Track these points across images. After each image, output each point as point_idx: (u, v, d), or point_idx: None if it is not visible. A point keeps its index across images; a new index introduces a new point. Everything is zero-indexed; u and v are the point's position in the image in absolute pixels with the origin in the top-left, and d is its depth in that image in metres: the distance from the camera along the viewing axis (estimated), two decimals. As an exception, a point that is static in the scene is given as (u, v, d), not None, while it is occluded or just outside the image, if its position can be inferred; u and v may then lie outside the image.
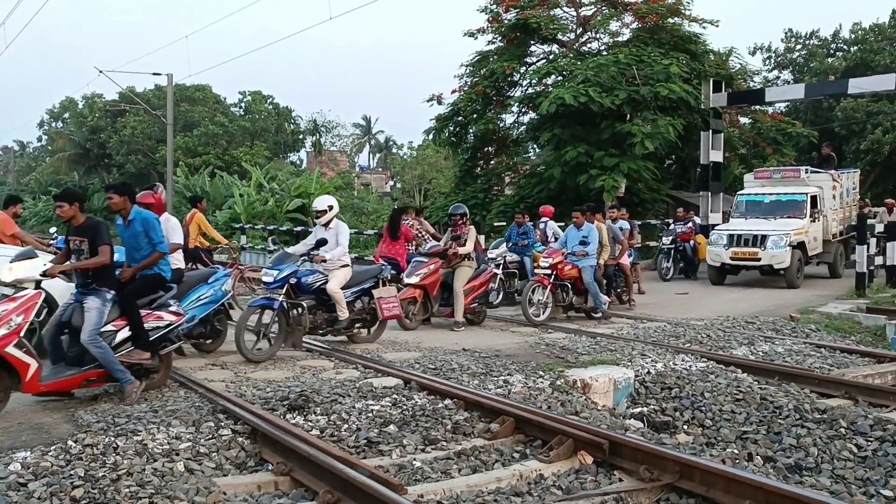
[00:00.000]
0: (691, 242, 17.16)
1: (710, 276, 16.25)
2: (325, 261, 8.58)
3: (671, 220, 18.67)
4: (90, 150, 50.88)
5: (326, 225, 8.92)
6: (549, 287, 10.88)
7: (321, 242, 8.61)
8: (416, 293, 10.23)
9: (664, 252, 17.06)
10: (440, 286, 10.53)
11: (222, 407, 5.89)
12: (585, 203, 12.35)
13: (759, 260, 15.22)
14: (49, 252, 8.99)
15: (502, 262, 12.57)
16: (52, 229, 15.65)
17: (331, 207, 9.01)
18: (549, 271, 10.89)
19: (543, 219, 14.66)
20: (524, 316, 10.73)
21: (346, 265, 8.86)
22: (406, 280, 10.24)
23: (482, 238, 14.14)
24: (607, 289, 11.89)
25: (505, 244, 13.49)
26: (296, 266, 8.41)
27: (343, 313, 8.62)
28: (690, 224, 17.28)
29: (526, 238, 13.39)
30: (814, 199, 16.17)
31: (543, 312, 10.86)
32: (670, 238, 16.98)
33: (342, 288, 8.68)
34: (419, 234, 12.75)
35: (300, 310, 8.39)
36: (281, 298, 8.16)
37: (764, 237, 15.15)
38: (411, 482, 4.78)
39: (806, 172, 16.99)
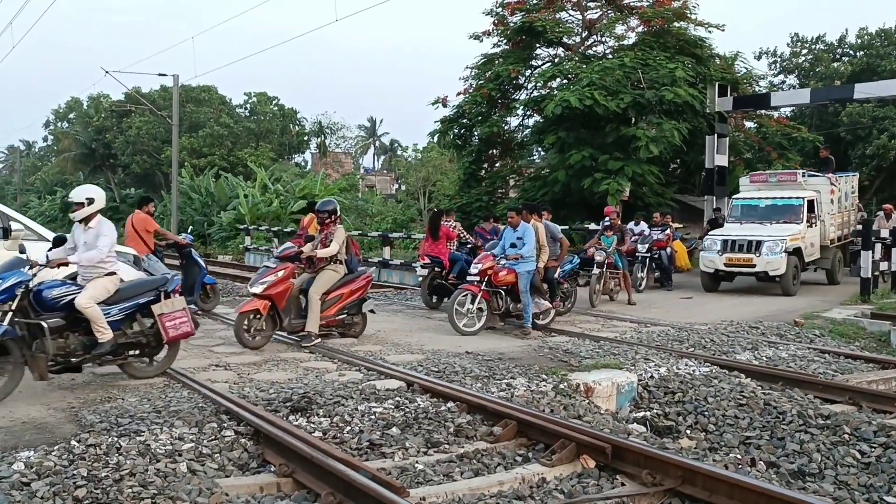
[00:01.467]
0: (668, 250, 16.05)
1: (703, 282, 15.77)
2: (65, 264, 6.78)
3: (640, 225, 16.98)
4: (95, 151, 50.97)
5: (86, 222, 6.93)
6: (480, 295, 10.04)
7: (59, 240, 7.07)
8: (260, 305, 8.70)
9: (639, 260, 15.64)
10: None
11: (225, 408, 5.90)
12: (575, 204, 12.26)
13: (753, 266, 14.77)
14: (182, 243, 11.67)
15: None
16: (189, 228, 19.57)
17: (91, 201, 6.90)
18: (478, 278, 10.02)
19: (607, 219, 15.52)
20: (453, 328, 9.96)
21: (112, 273, 6.91)
22: (250, 289, 8.86)
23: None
24: (550, 294, 10.89)
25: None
26: (26, 275, 6.34)
27: (103, 335, 6.60)
28: (668, 231, 16.29)
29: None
30: (811, 203, 15.70)
31: (477, 322, 10.06)
32: (646, 246, 15.66)
33: (106, 303, 6.76)
34: (462, 235, 13.30)
35: (42, 331, 6.35)
36: (7, 319, 6.17)
37: (759, 243, 14.67)
38: (413, 485, 4.78)
39: (803, 176, 16.63)
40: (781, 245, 14.55)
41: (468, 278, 10.26)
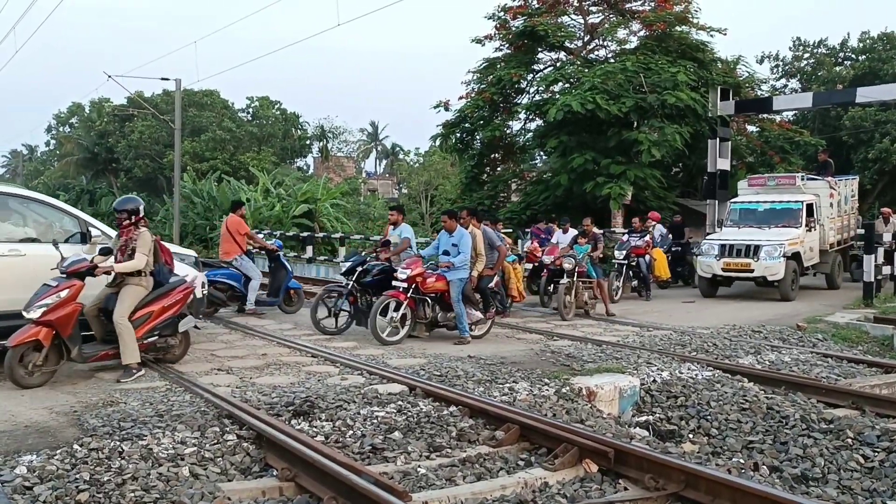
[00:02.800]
0: (646, 258, 15.32)
1: (700, 287, 15.64)
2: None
3: (624, 231, 16.90)
4: (98, 155, 51.04)
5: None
6: (405, 303, 9.56)
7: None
8: (40, 334, 6.83)
9: (615, 269, 14.98)
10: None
11: (227, 412, 5.89)
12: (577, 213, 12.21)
13: (751, 271, 14.59)
14: (270, 248, 12.51)
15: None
16: (277, 233, 20.16)
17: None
18: (404, 285, 9.52)
19: (652, 222, 16.09)
20: (374, 337, 9.46)
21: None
22: (25, 314, 6.92)
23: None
24: (484, 305, 10.26)
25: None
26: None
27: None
28: (647, 237, 15.61)
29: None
30: (810, 207, 15.56)
31: (401, 331, 9.59)
32: (623, 253, 14.94)
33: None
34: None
35: None
36: None
37: (757, 247, 14.51)
38: (416, 489, 4.77)
39: (802, 179, 16.47)
40: (780, 249, 14.39)
41: (394, 283, 9.68)
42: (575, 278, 12.20)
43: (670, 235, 17.33)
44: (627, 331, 11.00)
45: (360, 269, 10.21)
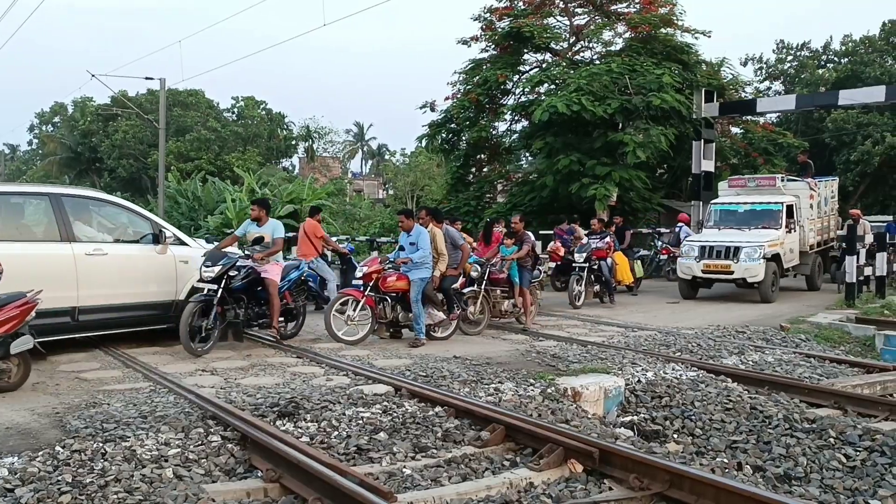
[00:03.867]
0: (608, 261, 14.40)
1: (680, 289, 15.55)
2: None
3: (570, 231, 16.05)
4: (81, 154, 50.63)
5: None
6: (363, 301, 9.47)
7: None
8: None
9: (575, 272, 14.01)
10: None
11: (212, 413, 5.87)
12: (575, 213, 12.01)
13: (731, 273, 14.49)
14: (342, 251, 13.84)
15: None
16: (345, 237, 20.81)
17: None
18: (362, 282, 9.44)
19: (679, 224, 16.35)
20: (331, 337, 9.30)
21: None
22: None
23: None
24: (447, 305, 10.09)
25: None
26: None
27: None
28: (609, 239, 14.75)
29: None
30: (790, 208, 15.54)
31: (360, 331, 9.48)
32: (583, 255, 13.94)
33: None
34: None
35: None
36: None
37: (737, 249, 14.42)
38: (401, 490, 4.76)
39: (782, 180, 16.46)
40: (760, 251, 14.34)
41: (353, 282, 9.57)
42: (482, 287, 10.90)
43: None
44: (612, 331, 11.04)
45: (230, 273, 8.71)
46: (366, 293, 9.49)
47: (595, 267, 14.18)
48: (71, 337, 8.34)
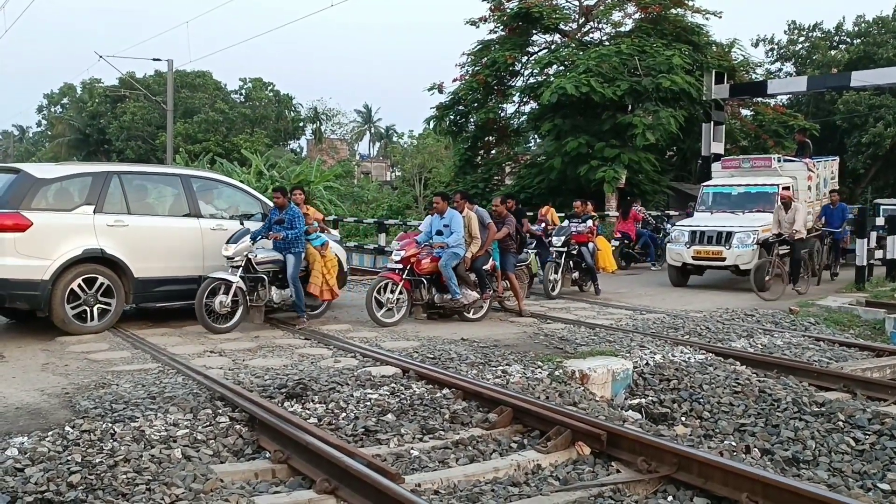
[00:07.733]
0: (590, 246, 13.11)
1: (670, 276, 14.60)
2: None
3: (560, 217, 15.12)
4: (90, 136, 50.77)
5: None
6: (401, 284, 9.59)
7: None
8: None
9: (551, 258, 12.73)
10: None
11: (220, 394, 5.88)
12: (585, 196, 11.83)
13: (723, 259, 13.63)
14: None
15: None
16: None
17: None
18: (399, 266, 9.62)
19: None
20: (371, 319, 9.45)
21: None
22: None
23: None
24: (480, 286, 10.10)
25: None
26: None
27: None
28: (590, 222, 13.30)
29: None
30: (786, 190, 14.50)
31: (397, 313, 9.59)
32: (562, 240, 12.71)
33: None
34: (645, 216, 16.04)
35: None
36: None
37: (729, 234, 13.55)
38: (409, 471, 4.77)
39: (778, 161, 15.45)
40: (753, 236, 13.47)
41: (389, 266, 9.80)
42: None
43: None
44: (620, 314, 11.01)
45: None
46: (403, 276, 9.61)
47: (575, 252, 12.92)
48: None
